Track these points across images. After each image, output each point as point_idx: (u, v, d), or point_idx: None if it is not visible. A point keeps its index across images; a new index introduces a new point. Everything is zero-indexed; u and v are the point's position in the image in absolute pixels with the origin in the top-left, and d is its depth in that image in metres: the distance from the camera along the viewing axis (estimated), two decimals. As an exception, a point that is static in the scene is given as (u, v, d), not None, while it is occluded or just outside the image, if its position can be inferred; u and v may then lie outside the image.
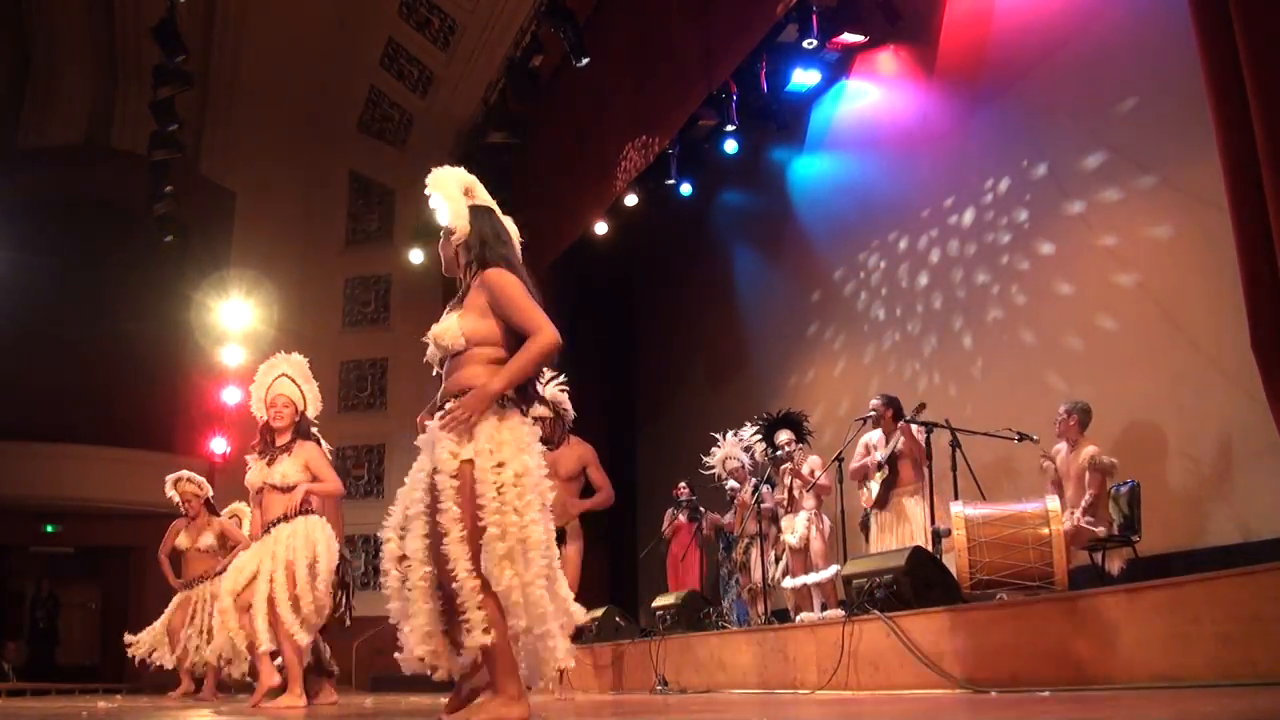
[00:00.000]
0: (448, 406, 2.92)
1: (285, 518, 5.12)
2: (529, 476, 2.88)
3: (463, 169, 3.24)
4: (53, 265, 13.36)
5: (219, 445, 14.10)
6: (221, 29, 13.26)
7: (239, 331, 14.01)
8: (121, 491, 13.65)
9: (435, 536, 2.86)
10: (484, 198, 3.21)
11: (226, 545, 7.83)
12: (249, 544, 6.76)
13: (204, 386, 14.32)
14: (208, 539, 7.97)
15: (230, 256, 14.66)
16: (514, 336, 3.01)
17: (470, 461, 2.86)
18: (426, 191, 3.15)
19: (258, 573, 5.09)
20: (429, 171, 3.17)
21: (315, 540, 5.12)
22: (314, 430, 5.40)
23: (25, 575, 15.23)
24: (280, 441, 5.23)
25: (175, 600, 8.03)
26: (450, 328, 2.99)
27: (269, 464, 5.20)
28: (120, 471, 13.71)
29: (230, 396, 14.09)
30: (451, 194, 3.13)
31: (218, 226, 14.77)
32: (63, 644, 14.64)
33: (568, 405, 6.22)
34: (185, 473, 8.16)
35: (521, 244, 3.25)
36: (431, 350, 3.09)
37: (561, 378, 6.09)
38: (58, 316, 13.55)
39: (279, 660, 5.08)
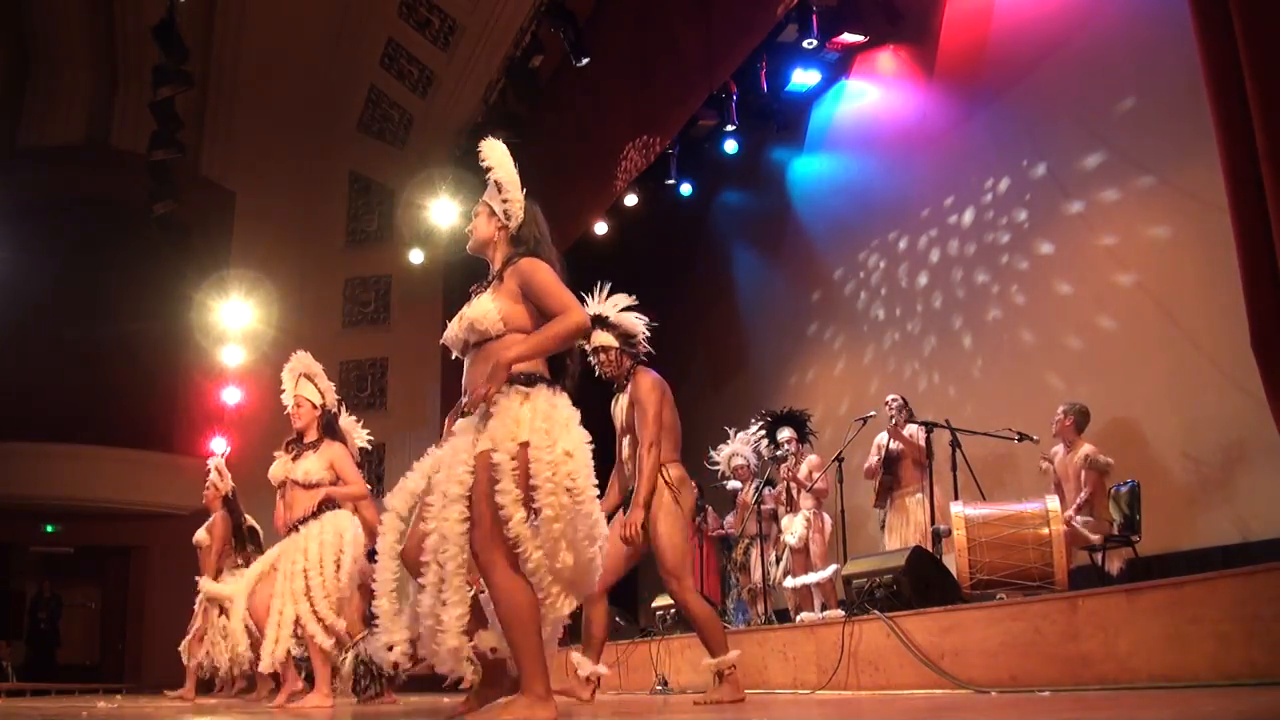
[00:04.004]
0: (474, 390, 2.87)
1: (313, 515, 5.11)
2: (580, 453, 2.84)
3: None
4: (53, 265, 13.36)
5: (219, 445, 14.09)
6: (221, 29, 13.26)
7: (239, 331, 14.01)
8: (121, 491, 13.65)
9: (479, 521, 2.79)
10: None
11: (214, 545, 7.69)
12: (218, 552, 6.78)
13: (204, 386, 14.32)
14: (199, 534, 7.82)
15: (230, 256, 14.66)
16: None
17: (526, 443, 2.80)
18: (487, 164, 3.13)
19: (278, 571, 5.09)
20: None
21: (342, 533, 5.12)
22: (341, 427, 5.45)
23: (25, 575, 15.23)
24: (308, 439, 5.25)
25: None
26: (488, 311, 2.95)
27: (294, 459, 5.22)
28: (120, 471, 13.72)
29: (230, 396, 14.09)
30: (515, 177, 3.13)
31: (218, 226, 14.77)
32: (63, 644, 14.65)
33: (636, 326, 4.47)
34: (218, 463, 7.97)
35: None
36: (453, 334, 3.04)
37: (631, 299, 4.51)
38: (58, 316, 13.54)
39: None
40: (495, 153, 3.15)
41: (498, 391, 2.84)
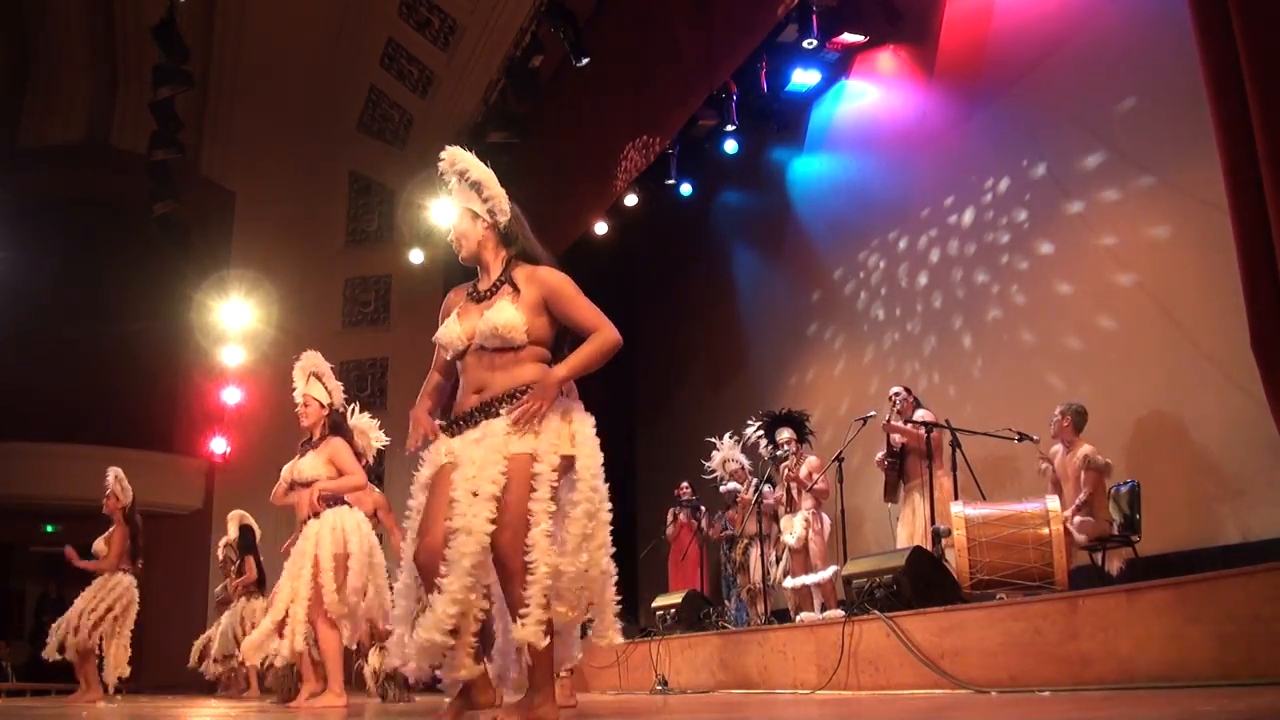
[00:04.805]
0: (519, 400, 2.86)
1: (314, 515, 5.13)
2: (600, 473, 2.95)
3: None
4: (53, 265, 13.35)
5: (219, 445, 14.10)
6: (221, 29, 13.25)
7: (239, 331, 14.01)
8: (121, 491, 13.63)
9: (511, 525, 2.79)
10: None
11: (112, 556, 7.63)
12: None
13: (204, 386, 14.32)
14: (98, 543, 7.79)
15: (230, 256, 14.65)
16: (560, 338, 3.03)
17: (571, 458, 2.90)
18: (460, 168, 3.07)
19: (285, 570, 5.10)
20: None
21: (345, 529, 5.11)
22: (348, 424, 5.45)
23: (26, 575, 15.22)
24: (316, 438, 5.29)
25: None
26: (514, 320, 2.92)
27: (300, 459, 5.26)
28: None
29: (230, 396, 14.09)
30: (487, 172, 3.09)
31: (218, 226, 14.77)
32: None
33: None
34: (118, 471, 8.09)
35: None
36: (456, 335, 3.00)
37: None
38: (58, 316, 13.53)
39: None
40: (464, 156, 3.11)
41: (547, 409, 2.88)
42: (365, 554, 5.09)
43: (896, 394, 7.17)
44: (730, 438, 8.44)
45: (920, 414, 6.95)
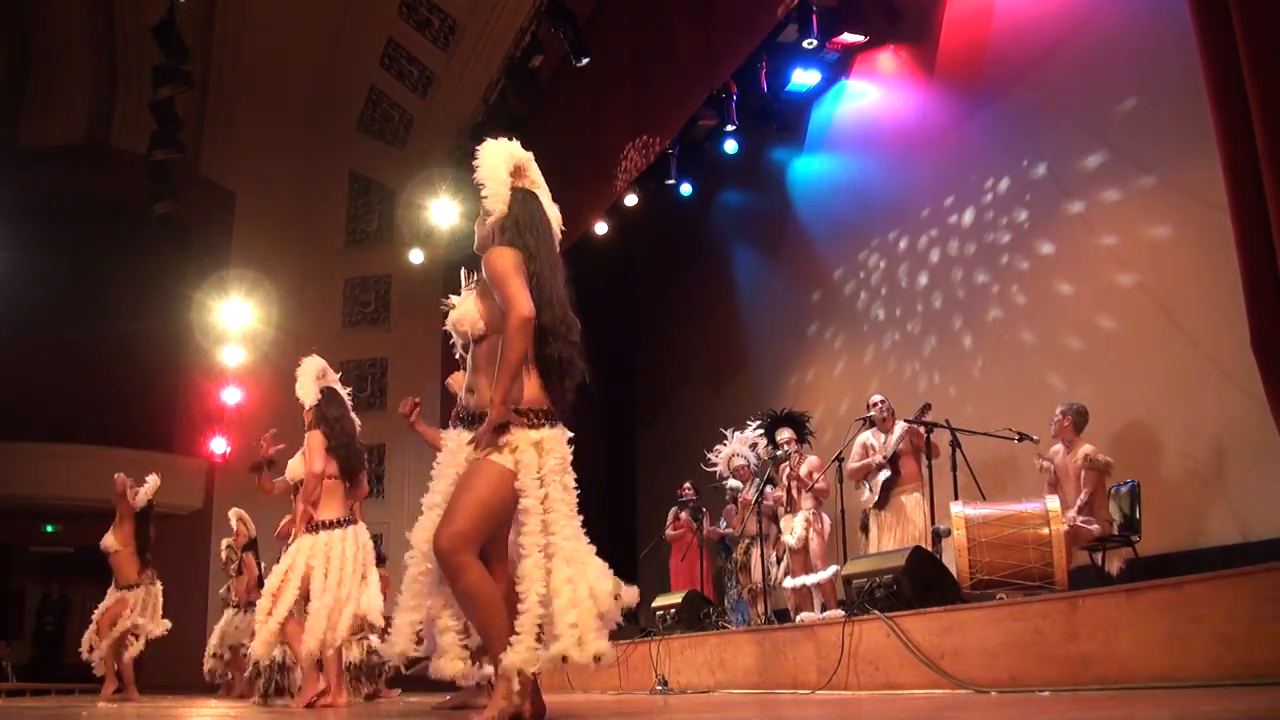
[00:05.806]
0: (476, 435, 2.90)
1: (337, 524, 5.17)
2: (567, 494, 2.93)
3: (518, 144, 3.15)
4: (53, 265, 13.36)
5: (219, 445, 14.09)
6: (221, 29, 13.26)
7: (239, 331, 14.01)
8: (122, 491, 13.63)
9: (450, 520, 2.83)
10: (536, 177, 3.16)
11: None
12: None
13: (204, 386, 14.32)
14: (108, 539, 8.11)
15: (230, 256, 14.65)
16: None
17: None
18: (476, 162, 3.07)
19: (287, 579, 5.13)
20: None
21: (330, 556, 5.10)
22: (331, 413, 5.46)
23: (25, 575, 15.22)
24: None
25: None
26: (469, 312, 2.94)
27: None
28: (120, 471, 13.70)
29: (230, 396, 14.08)
30: (496, 173, 3.05)
31: (218, 226, 14.77)
32: (66, 645, 14.65)
33: None
34: (152, 479, 8.19)
35: (563, 231, 3.19)
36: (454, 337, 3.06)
37: None
38: (58, 316, 13.54)
39: None
40: (482, 152, 3.08)
41: (492, 445, 2.87)
42: (353, 575, 5.09)
43: (882, 402, 7.13)
44: (739, 434, 8.40)
45: (902, 422, 6.94)
